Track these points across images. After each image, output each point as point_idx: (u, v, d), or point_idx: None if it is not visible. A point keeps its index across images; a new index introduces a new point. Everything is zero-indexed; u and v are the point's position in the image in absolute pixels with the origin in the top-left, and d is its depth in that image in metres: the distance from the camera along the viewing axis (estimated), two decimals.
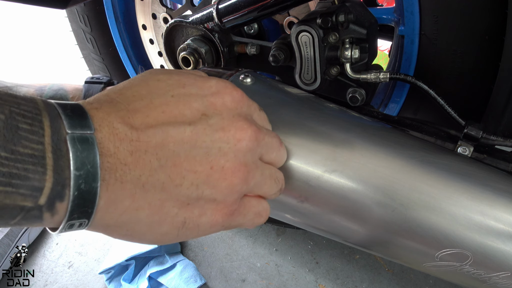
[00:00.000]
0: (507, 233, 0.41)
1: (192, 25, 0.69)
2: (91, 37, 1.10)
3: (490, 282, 0.43)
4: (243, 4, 0.62)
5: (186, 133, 0.32)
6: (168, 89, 0.34)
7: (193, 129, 0.32)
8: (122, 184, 0.29)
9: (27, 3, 0.63)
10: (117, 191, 0.28)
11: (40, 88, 0.73)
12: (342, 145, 0.46)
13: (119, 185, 0.28)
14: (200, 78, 0.37)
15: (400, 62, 0.69)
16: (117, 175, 0.28)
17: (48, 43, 2.72)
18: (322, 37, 0.58)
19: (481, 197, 0.42)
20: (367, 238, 0.48)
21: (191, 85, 0.35)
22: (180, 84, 0.35)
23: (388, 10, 0.70)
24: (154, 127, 0.30)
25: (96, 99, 0.31)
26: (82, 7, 1.03)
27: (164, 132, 0.31)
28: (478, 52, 0.59)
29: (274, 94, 0.53)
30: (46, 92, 0.73)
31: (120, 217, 0.30)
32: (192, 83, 0.36)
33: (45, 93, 0.73)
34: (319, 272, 1.15)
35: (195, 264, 1.18)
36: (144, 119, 0.31)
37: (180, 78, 0.36)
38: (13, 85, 0.71)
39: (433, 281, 1.10)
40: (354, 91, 0.60)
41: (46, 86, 0.74)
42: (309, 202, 0.47)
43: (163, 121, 0.31)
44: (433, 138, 0.52)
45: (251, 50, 0.68)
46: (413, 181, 0.44)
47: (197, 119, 0.33)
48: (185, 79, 0.36)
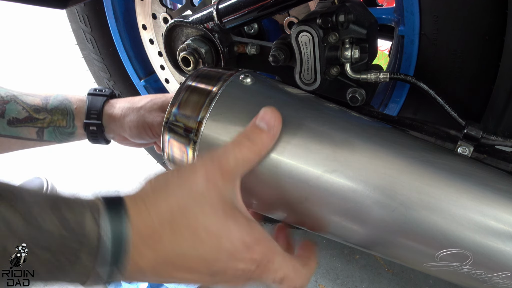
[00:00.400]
0: (507, 233, 0.41)
1: (192, 25, 0.69)
2: (91, 37, 1.10)
3: (490, 282, 0.43)
4: (243, 4, 0.62)
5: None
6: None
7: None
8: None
9: (27, 3, 0.63)
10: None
11: (45, 98, 0.74)
12: (342, 145, 0.46)
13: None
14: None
15: (400, 62, 0.69)
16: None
17: (48, 43, 2.72)
18: (322, 37, 0.58)
19: (481, 197, 0.42)
20: (367, 238, 0.48)
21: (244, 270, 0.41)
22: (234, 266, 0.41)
23: (388, 10, 0.70)
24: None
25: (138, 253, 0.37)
26: (82, 7, 1.03)
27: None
28: (478, 52, 0.59)
29: (274, 94, 0.53)
30: (51, 102, 0.74)
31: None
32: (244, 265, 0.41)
33: (50, 102, 0.74)
34: (319, 272, 1.15)
35: None
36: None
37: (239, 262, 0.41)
38: (19, 94, 0.72)
39: (433, 281, 1.10)
40: (354, 91, 0.60)
41: (51, 96, 0.75)
42: (309, 202, 0.47)
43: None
44: (433, 138, 0.52)
45: (251, 50, 0.68)
46: (413, 181, 0.44)
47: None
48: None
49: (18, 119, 0.71)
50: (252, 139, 0.45)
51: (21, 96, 0.72)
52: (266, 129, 0.46)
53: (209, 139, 0.49)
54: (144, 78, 1.14)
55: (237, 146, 0.44)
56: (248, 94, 0.51)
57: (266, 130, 0.46)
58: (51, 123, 0.73)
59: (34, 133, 0.73)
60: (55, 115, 0.73)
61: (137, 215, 0.37)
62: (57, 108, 0.74)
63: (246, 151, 0.45)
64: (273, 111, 0.47)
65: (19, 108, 0.71)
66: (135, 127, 0.72)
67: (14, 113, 0.70)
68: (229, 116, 0.49)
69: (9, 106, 0.70)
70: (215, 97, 0.50)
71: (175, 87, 1.12)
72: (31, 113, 0.72)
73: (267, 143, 0.46)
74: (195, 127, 0.50)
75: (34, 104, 0.72)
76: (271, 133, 0.46)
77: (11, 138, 0.72)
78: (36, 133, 0.73)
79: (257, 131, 0.46)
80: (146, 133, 0.73)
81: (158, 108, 0.73)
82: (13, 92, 0.72)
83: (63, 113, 0.74)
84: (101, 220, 0.34)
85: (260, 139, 0.46)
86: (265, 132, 0.46)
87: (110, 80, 1.17)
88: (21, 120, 0.71)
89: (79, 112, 0.75)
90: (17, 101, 0.71)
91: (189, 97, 0.52)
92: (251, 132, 0.46)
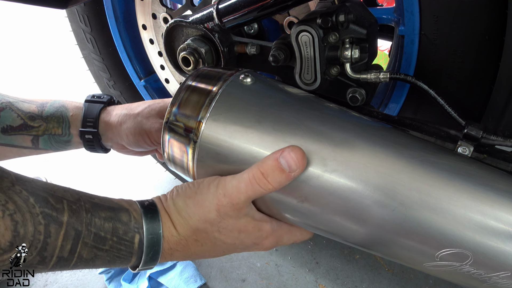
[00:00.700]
0: (507, 233, 0.41)
1: (192, 25, 0.69)
2: (91, 37, 1.10)
3: (490, 282, 0.43)
4: (243, 4, 0.62)
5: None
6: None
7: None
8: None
9: (27, 3, 0.63)
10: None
11: (41, 105, 0.72)
12: (342, 145, 0.46)
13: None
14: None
15: (400, 62, 0.69)
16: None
17: (48, 43, 2.72)
18: (322, 37, 0.58)
19: (481, 197, 0.42)
20: (367, 237, 0.48)
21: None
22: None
23: (388, 10, 0.70)
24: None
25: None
26: (82, 7, 1.03)
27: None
28: (478, 52, 0.59)
29: (274, 94, 0.53)
30: (47, 109, 0.72)
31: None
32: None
33: (46, 109, 0.72)
34: (319, 272, 1.15)
35: (195, 264, 1.18)
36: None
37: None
38: (15, 100, 0.70)
39: (433, 281, 1.10)
40: (354, 91, 0.60)
41: (47, 102, 0.73)
42: (309, 201, 0.47)
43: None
44: (433, 138, 0.52)
45: (251, 50, 0.68)
46: (413, 181, 0.44)
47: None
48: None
49: (13, 127, 0.69)
50: (270, 177, 0.44)
51: (17, 102, 0.70)
52: (287, 170, 0.44)
53: (209, 139, 0.49)
54: (144, 78, 1.14)
55: (251, 184, 0.45)
56: (248, 94, 0.51)
57: (286, 172, 0.44)
58: (46, 131, 0.71)
59: (29, 141, 0.71)
60: (50, 122, 0.71)
61: (168, 231, 0.49)
62: (52, 115, 0.71)
63: (260, 189, 0.45)
64: (299, 153, 0.44)
65: (14, 115, 0.69)
66: (132, 135, 0.70)
67: (9, 120, 0.68)
68: (229, 116, 0.49)
69: (3, 114, 0.68)
70: (215, 97, 0.50)
71: (175, 87, 1.12)
72: (26, 120, 0.69)
73: (283, 184, 0.45)
74: (195, 127, 0.50)
75: (30, 111, 0.70)
76: (291, 175, 0.44)
77: (6, 146, 0.70)
78: (31, 141, 0.71)
79: (277, 170, 0.44)
80: (144, 140, 0.71)
81: (156, 114, 0.71)
82: (8, 98, 0.70)
83: (59, 121, 0.72)
84: (144, 234, 0.48)
85: (278, 179, 0.44)
86: (285, 174, 0.44)
87: (110, 80, 1.17)
88: (15, 128, 0.69)
89: (75, 119, 0.73)
90: (12, 108, 0.69)
91: (189, 97, 0.52)
92: (271, 169, 0.44)
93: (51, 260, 0.42)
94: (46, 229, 0.41)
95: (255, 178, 0.45)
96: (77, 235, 0.43)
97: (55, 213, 0.42)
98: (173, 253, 0.50)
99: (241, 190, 0.45)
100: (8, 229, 0.39)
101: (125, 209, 0.48)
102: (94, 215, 0.45)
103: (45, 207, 0.41)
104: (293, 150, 0.44)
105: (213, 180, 0.48)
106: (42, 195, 0.42)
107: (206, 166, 0.51)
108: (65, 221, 0.42)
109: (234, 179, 0.46)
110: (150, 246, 0.48)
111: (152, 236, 0.48)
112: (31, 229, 0.40)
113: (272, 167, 0.44)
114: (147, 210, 0.49)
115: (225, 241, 0.50)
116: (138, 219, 0.48)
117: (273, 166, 0.44)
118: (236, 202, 0.46)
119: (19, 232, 0.39)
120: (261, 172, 0.44)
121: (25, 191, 0.41)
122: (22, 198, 0.40)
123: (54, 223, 0.41)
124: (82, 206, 0.45)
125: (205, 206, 0.47)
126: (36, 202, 0.41)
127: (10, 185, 0.40)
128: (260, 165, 0.45)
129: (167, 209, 0.50)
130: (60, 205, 0.43)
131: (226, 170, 0.49)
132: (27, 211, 0.40)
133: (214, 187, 0.47)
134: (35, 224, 0.40)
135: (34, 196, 0.41)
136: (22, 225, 0.40)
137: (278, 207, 0.50)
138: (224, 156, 0.49)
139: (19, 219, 0.39)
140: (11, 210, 0.39)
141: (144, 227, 0.48)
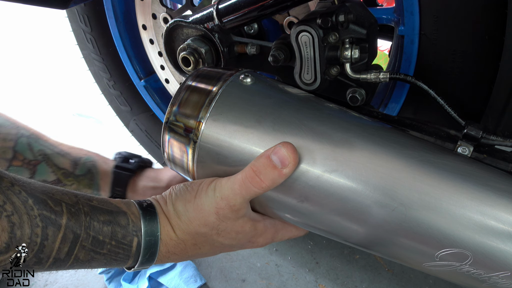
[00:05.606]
0: (506, 233, 0.41)
1: (192, 25, 0.69)
2: (91, 37, 1.10)
3: (490, 281, 0.43)
4: (243, 4, 0.62)
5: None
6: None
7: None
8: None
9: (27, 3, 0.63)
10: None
11: (75, 162, 0.77)
12: (342, 145, 0.46)
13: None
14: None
15: (400, 62, 0.69)
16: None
17: (48, 43, 2.72)
18: (322, 37, 0.58)
19: (481, 197, 0.42)
20: (367, 237, 0.48)
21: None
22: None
23: (388, 10, 0.70)
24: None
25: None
26: (82, 7, 1.03)
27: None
28: (478, 52, 0.59)
29: (274, 94, 0.53)
30: (80, 168, 0.77)
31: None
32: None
33: (79, 168, 0.77)
34: (319, 272, 1.15)
35: (195, 264, 1.18)
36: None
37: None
38: (51, 153, 0.74)
39: (433, 281, 1.10)
40: (354, 91, 0.60)
41: (81, 158, 0.78)
42: (309, 202, 0.47)
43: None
44: (433, 138, 0.52)
45: (251, 50, 0.68)
46: (413, 181, 0.44)
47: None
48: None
49: (46, 181, 0.72)
50: (263, 175, 0.44)
51: (52, 156, 0.74)
52: (280, 166, 0.44)
53: (209, 139, 0.49)
54: (144, 78, 1.14)
55: (245, 184, 0.45)
56: (248, 94, 0.51)
57: (279, 168, 0.44)
58: (76, 189, 0.74)
59: None
60: (81, 183, 0.76)
61: (167, 235, 0.49)
62: (84, 176, 0.76)
63: (254, 188, 0.45)
64: (289, 148, 0.44)
65: (48, 170, 0.73)
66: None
67: (44, 175, 0.72)
68: (229, 116, 0.49)
69: (40, 168, 0.72)
70: (215, 97, 0.50)
71: (175, 87, 1.12)
72: (59, 176, 0.74)
73: (277, 181, 0.45)
74: (195, 127, 0.50)
75: (64, 167, 0.75)
76: (283, 171, 0.44)
77: None
78: None
79: (269, 167, 0.44)
80: None
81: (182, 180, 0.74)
82: (45, 150, 0.74)
83: (89, 184, 0.77)
84: (142, 236, 0.47)
85: (271, 176, 0.44)
86: (277, 170, 0.44)
87: (110, 80, 1.17)
88: (49, 183, 0.71)
89: (104, 185, 0.78)
90: (48, 163, 0.73)
91: (189, 97, 0.52)
92: (263, 167, 0.44)
93: (48, 261, 0.42)
94: (44, 231, 0.41)
95: (248, 177, 0.45)
96: (75, 238, 0.43)
97: (54, 215, 0.42)
98: (170, 256, 0.51)
99: (236, 191, 0.46)
100: (5, 231, 0.39)
101: (123, 212, 0.48)
102: (93, 218, 0.45)
103: (44, 209, 0.41)
104: (284, 145, 0.44)
105: (210, 182, 0.49)
106: (41, 197, 0.42)
107: (206, 166, 0.51)
108: (63, 224, 0.42)
109: (229, 180, 0.46)
110: (147, 248, 0.48)
111: (150, 238, 0.48)
112: (28, 231, 0.40)
113: (264, 164, 0.44)
114: (145, 212, 0.49)
115: (223, 242, 0.50)
116: (136, 222, 0.48)
117: (265, 164, 0.44)
118: (233, 204, 0.46)
119: (16, 234, 0.39)
120: (254, 171, 0.44)
121: (24, 192, 0.41)
122: (21, 199, 0.40)
123: (52, 225, 0.41)
124: (81, 209, 0.44)
125: (205, 210, 0.47)
126: (35, 204, 0.41)
127: (10, 185, 0.40)
128: (252, 164, 0.45)
129: (166, 213, 0.50)
130: (59, 208, 0.43)
131: (226, 170, 0.49)
132: (25, 213, 0.40)
133: (211, 190, 0.47)
134: (33, 226, 0.40)
135: (33, 197, 0.41)
136: (19, 227, 0.39)
137: (279, 208, 0.50)
138: (224, 156, 0.49)
139: (16, 221, 0.39)
140: (9, 212, 0.39)
141: (143, 230, 0.47)
